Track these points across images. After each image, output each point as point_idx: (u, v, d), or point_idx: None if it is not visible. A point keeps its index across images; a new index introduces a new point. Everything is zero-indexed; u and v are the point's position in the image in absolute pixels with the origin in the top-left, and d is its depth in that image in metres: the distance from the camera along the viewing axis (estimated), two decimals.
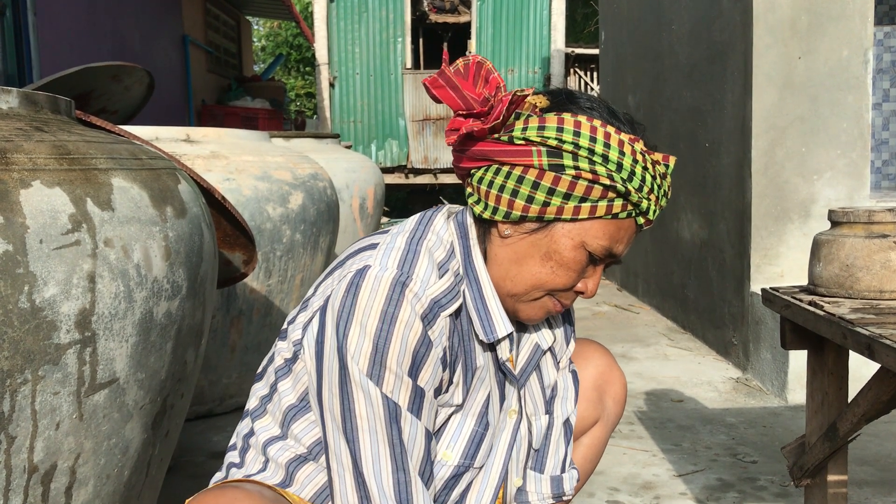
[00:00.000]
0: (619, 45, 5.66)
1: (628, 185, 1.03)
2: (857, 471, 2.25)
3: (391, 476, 0.99)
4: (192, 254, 1.34)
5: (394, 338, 0.98)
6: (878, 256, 1.53)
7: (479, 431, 1.12)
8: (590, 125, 1.03)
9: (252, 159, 2.73)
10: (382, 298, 0.98)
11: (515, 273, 1.09)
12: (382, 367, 0.98)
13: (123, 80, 3.02)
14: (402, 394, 1.00)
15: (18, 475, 1.08)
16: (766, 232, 3.19)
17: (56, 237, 1.09)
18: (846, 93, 3.14)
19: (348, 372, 0.99)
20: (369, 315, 0.98)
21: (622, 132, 1.05)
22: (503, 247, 1.09)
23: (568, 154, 1.02)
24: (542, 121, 1.04)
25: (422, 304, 1.00)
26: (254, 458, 1.14)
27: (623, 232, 1.07)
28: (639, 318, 4.54)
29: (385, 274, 1.00)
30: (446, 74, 1.05)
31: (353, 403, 0.99)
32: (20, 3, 4.46)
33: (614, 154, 1.03)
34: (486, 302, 1.10)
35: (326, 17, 10.36)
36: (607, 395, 1.39)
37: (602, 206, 1.04)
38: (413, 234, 1.09)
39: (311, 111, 18.44)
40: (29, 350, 1.06)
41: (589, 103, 1.08)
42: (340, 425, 1.00)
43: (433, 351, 1.01)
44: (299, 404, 1.10)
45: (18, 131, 1.17)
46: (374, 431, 0.99)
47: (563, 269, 1.07)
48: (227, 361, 2.76)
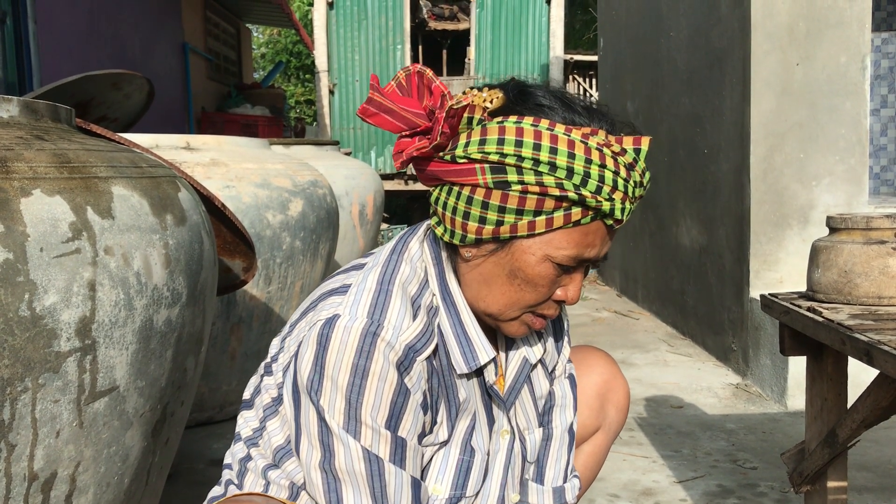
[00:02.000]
0: (617, 52, 5.67)
1: (582, 190, 0.95)
2: (857, 477, 2.25)
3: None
4: (192, 261, 1.34)
5: (366, 392, 0.94)
6: (876, 262, 1.53)
7: (464, 460, 1.09)
8: (533, 131, 0.95)
9: (252, 167, 2.74)
10: (352, 352, 0.94)
11: (486, 294, 1.04)
12: (358, 422, 0.95)
13: (123, 87, 3.03)
14: (381, 446, 0.96)
15: (18, 483, 1.08)
16: (766, 238, 3.19)
17: (56, 245, 1.09)
18: (844, 99, 3.15)
19: (328, 425, 0.96)
20: (339, 370, 0.94)
21: (574, 128, 0.97)
22: (469, 270, 1.04)
23: (511, 168, 0.95)
24: (484, 132, 0.97)
25: (395, 352, 0.96)
26: (253, 481, 1.12)
27: (591, 237, 1.00)
28: (638, 324, 4.54)
29: (354, 324, 0.96)
30: (375, 100, 1.00)
31: (333, 457, 0.96)
32: (20, 11, 4.47)
33: (562, 159, 0.94)
34: (465, 328, 1.06)
35: (326, 24, 10.39)
36: (610, 402, 1.37)
37: (559, 217, 0.97)
38: (385, 268, 1.04)
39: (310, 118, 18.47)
40: (29, 358, 1.06)
41: (542, 99, 1.00)
42: (320, 480, 0.98)
43: (412, 398, 0.98)
44: (286, 446, 1.08)
45: (19, 140, 1.17)
46: (357, 486, 0.96)
47: (530, 286, 1.02)
48: (227, 368, 2.76)
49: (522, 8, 10.51)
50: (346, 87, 10.50)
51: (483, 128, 0.98)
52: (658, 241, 4.63)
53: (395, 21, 10.40)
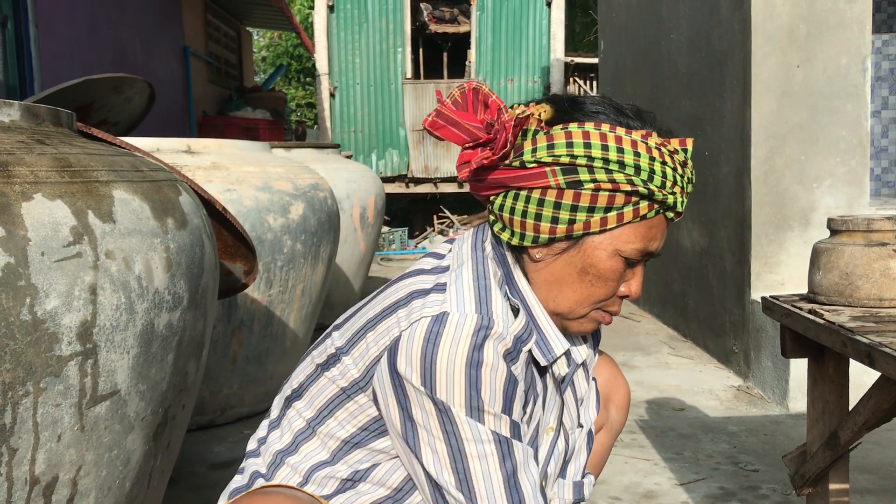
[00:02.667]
0: (618, 55, 5.68)
1: (650, 185, 1.02)
2: (858, 479, 2.25)
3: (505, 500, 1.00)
4: (193, 265, 1.34)
5: (483, 383, 0.98)
6: (877, 264, 1.53)
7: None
8: (599, 133, 1.02)
9: (253, 170, 2.74)
10: (467, 346, 0.98)
11: (556, 294, 1.08)
12: (480, 411, 0.98)
13: (124, 91, 3.03)
14: (503, 428, 1.00)
15: (20, 487, 1.08)
16: (767, 240, 3.19)
17: (57, 249, 1.09)
18: (845, 101, 3.15)
19: (451, 415, 0.98)
20: (455, 364, 0.97)
21: (633, 130, 1.04)
22: (538, 271, 1.09)
23: (583, 168, 1.01)
24: (550, 138, 1.03)
25: (505, 344, 1.00)
26: (287, 476, 1.12)
27: (655, 230, 1.06)
28: (640, 326, 4.54)
29: (466, 320, 0.99)
30: (444, 113, 1.04)
31: (461, 444, 0.99)
32: (21, 14, 4.48)
33: (629, 158, 1.01)
34: (538, 323, 1.09)
35: (327, 27, 10.40)
36: (611, 402, 1.40)
37: (629, 212, 1.03)
38: (475, 266, 1.08)
39: (311, 121, 18.48)
40: (30, 362, 1.06)
41: (594, 106, 1.07)
42: (450, 468, 1.00)
43: (519, 387, 1.02)
44: (362, 434, 1.09)
45: (20, 144, 1.17)
46: (487, 472, 0.99)
47: (601, 281, 1.06)
48: (229, 372, 2.76)
49: (523, 11, 10.51)
50: (346, 90, 10.50)
51: (547, 135, 1.03)
52: None
53: (396, 24, 10.40)
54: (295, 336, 2.96)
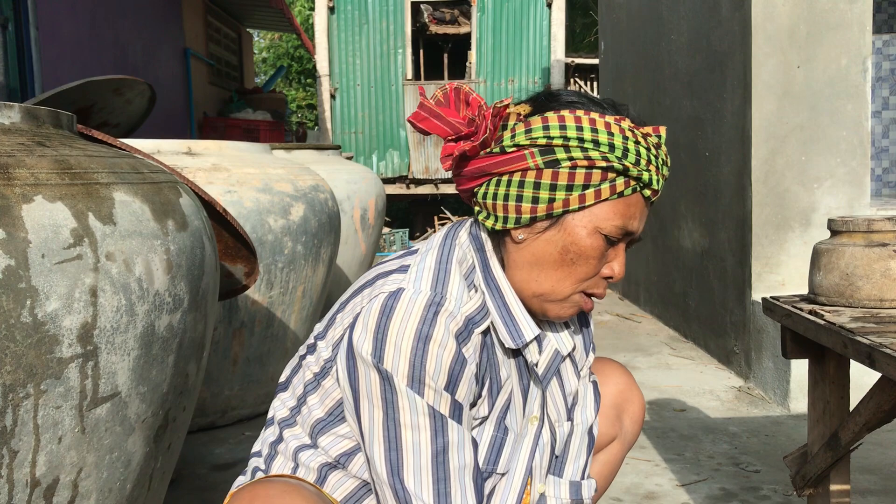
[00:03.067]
0: (618, 55, 5.68)
1: (624, 161, 1.05)
2: (859, 479, 2.25)
3: (432, 487, 1.02)
4: (193, 267, 1.35)
5: (429, 357, 1.00)
6: (878, 265, 1.53)
7: (498, 437, 1.14)
8: (573, 116, 1.06)
9: (253, 171, 2.74)
10: (417, 319, 1.01)
11: (538, 274, 1.10)
12: (421, 383, 1.01)
13: (125, 93, 3.04)
14: (442, 405, 1.02)
15: (21, 490, 1.08)
16: (767, 240, 3.19)
17: (58, 251, 1.09)
18: (845, 101, 3.15)
19: (392, 384, 1.01)
20: (403, 336, 1.00)
21: (606, 115, 1.08)
22: (520, 251, 1.11)
23: (559, 148, 1.05)
24: (528, 124, 1.07)
25: (456, 323, 1.03)
26: (282, 464, 1.17)
27: (633, 208, 1.09)
28: (640, 327, 4.54)
29: (419, 296, 1.02)
30: (426, 106, 1.08)
31: (398, 413, 1.02)
32: (22, 17, 4.48)
33: (603, 136, 1.05)
34: (510, 308, 1.12)
35: (327, 28, 10.40)
36: (626, 413, 1.41)
37: (606, 188, 1.06)
38: (441, 250, 1.13)
39: (312, 123, 18.48)
40: (31, 364, 1.06)
41: (569, 97, 1.11)
42: (381, 438, 1.03)
43: (468, 368, 1.04)
44: (327, 418, 1.13)
45: (20, 146, 1.18)
46: (418, 444, 1.02)
47: (582, 259, 1.09)
48: (229, 374, 2.76)
49: (523, 11, 10.52)
50: (347, 91, 10.51)
51: (526, 121, 1.08)
52: (660, 244, 4.63)
53: (396, 25, 10.41)
54: (296, 337, 2.96)
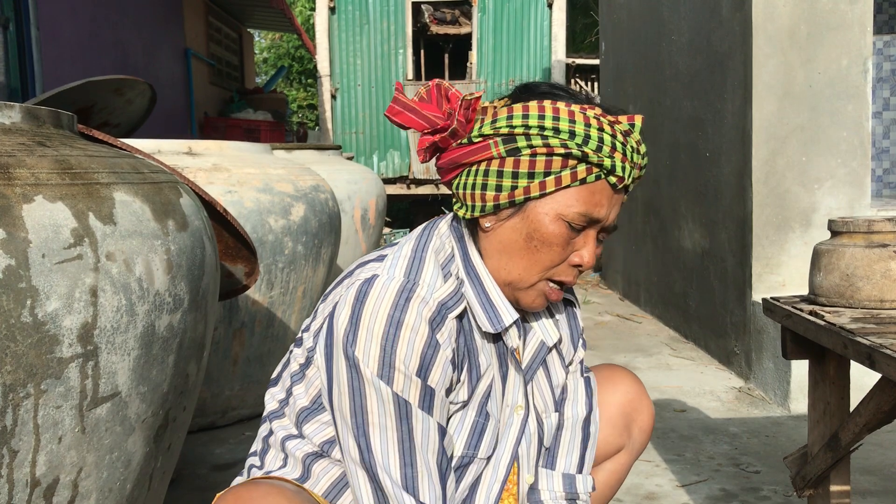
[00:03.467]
0: (619, 56, 5.68)
1: (584, 148, 1.06)
2: (860, 480, 2.24)
3: (399, 470, 1.03)
4: (193, 267, 1.35)
5: (400, 341, 1.02)
6: (878, 266, 1.53)
7: (479, 422, 1.15)
8: (538, 106, 1.08)
9: (254, 171, 2.74)
10: (389, 304, 1.02)
11: (507, 261, 1.12)
12: (392, 368, 1.02)
13: (126, 93, 3.04)
14: (412, 392, 1.03)
15: (21, 489, 1.08)
16: (768, 241, 3.19)
17: (58, 251, 1.09)
18: (846, 102, 3.15)
19: (359, 372, 1.02)
20: (376, 320, 1.02)
21: (573, 104, 1.09)
22: (488, 239, 1.13)
23: (520, 136, 1.07)
24: (495, 115, 1.10)
25: (429, 308, 1.04)
26: (274, 456, 1.19)
27: (598, 195, 1.09)
28: (641, 327, 4.54)
29: (392, 282, 1.04)
30: (401, 100, 1.11)
31: (364, 400, 1.03)
32: (23, 17, 4.48)
33: (565, 124, 1.07)
34: (489, 294, 1.13)
35: (328, 29, 10.40)
36: (635, 423, 1.41)
37: (566, 175, 1.07)
38: (419, 240, 1.15)
39: (312, 123, 18.49)
40: (31, 364, 1.06)
41: (543, 88, 1.13)
42: (350, 423, 1.04)
43: (441, 353, 1.05)
44: (311, 406, 1.15)
45: (21, 146, 1.18)
46: (385, 427, 1.03)
47: (546, 246, 1.10)
48: (230, 374, 2.76)
49: (524, 12, 10.52)
50: (348, 91, 10.51)
51: (494, 113, 1.11)
52: (660, 245, 4.63)
53: (397, 26, 10.41)
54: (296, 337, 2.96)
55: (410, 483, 1.03)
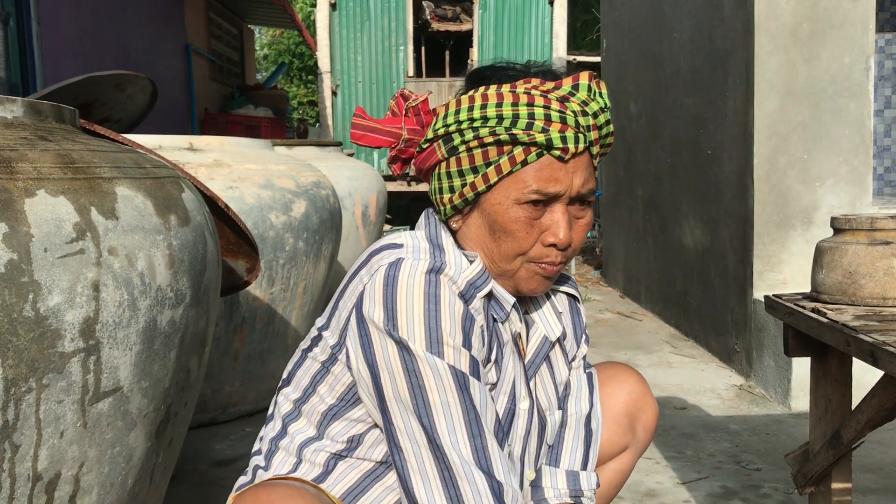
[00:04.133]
0: (620, 53, 5.67)
1: (513, 130, 1.04)
2: (861, 478, 2.24)
3: (468, 443, 1.01)
4: (195, 262, 1.34)
5: (443, 315, 1.01)
6: (880, 263, 1.53)
7: (510, 408, 1.15)
8: (468, 97, 1.08)
9: (255, 167, 2.74)
10: (422, 282, 1.02)
11: (485, 255, 1.12)
12: (440, 343, 1.01)
13: (127, 88, 3.03)
14: (463, 363, 1.03)
15: (22, 484, 1.08)
16: (769, 239, 3.19)
17: (60, 246, 1.09)
18: (848, 100, 3.15)
19: (411, 352, 1.01)
20: (413, 299, 1.01)
21: (504, 85, 1.07)
22: (461, 238, 1.14)
23: (455, 133, 1.07)
24: (435, 114, 1.11)
25: (458, 286, 1.04)
26: (283, 459, 1.17)
27: (546, 171, 1.06)
28: (641, 325, 4.54)
29: (420, 263, 1.04)
30: (357, 123, 1.12)
31: (421, 379, 1.01)
32: (24, 12, 4.48)
33: (491, 110, 1.05)
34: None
35: (329, 25, 10.39)
36: (639, 422, 1.39)
37: (504, 162, 1.06)
38: (428, 228, 1.15)
39: (313, 119, 18.47)
40: (33, 359, 1.06)
41: (486, 72, 1.12)
42: (412, 405, 1.02)
43: (476, 325, 1.05)
44: (339, 404, 1.13)
45: (23, 140, 1.17)
46: (447, 403, 1.01)
47: (508, 235, 1.08)
48: (230, 370, 2.76)
49: (525, 9, 10.51)
50: (348, 88, 10.50)
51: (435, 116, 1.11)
52: (661, 243, 4.63)
53: (398, 22, 10.40)
54: (297, 334, 2.96)
55: (482, 456, 1.01)
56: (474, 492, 1.00)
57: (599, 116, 1.07)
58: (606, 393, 1.37)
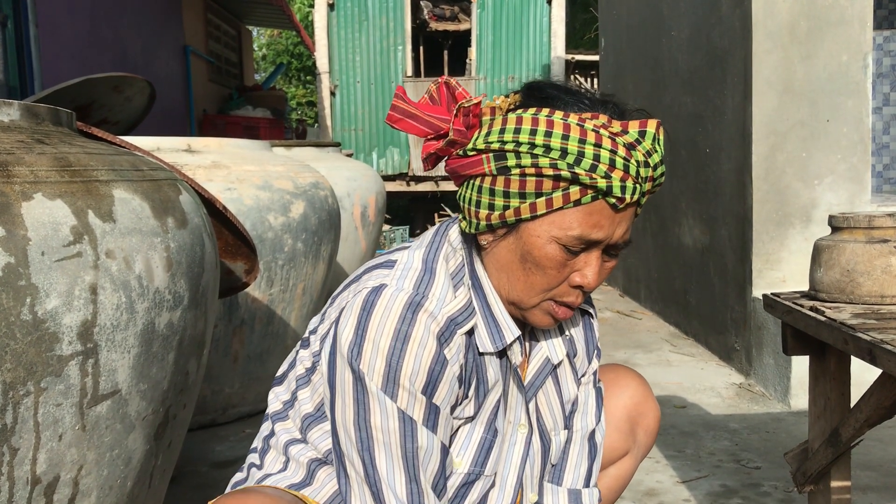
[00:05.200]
0: (618, 52, 5.67)
1: (575, 168, 0.97)
2: (860, 476, 2.25)
3: (405, 487, 1.00)
4: (193, 264, 1.34)
5: (406, 356, 0.98)
6: (878, 262, 1.53)
7: (487, 438, 1.11)
8: (531, 118, 1.00)
9: (253, 169, 2.74)
10: (396, 317, 0.99)
11: (505, 280, 1.07)
12: (396, 384, 0.99)
13: (125, 90, 3.03)
14: (416, 410, 1.00)
15: (21, 487, 1.08)
16: (768, 237, 3.19)
17: (58, 249, 1.09)
18: (846, 97, 3.15)
19: (364, 385, 0.99)
20: (382, 333, 0.99)
21: (572, 114, 1.00)
22: (487, 256, 1.09)
23: (511, 154, 1.00)
24: (491, 126, 1.03)
25: (437, 323, 1.00)
26: (274, 458, 1.17)
27: (596, 217, 1.01)
28: (641, 323, 4.54)
29: (400, 294, 1.00)
30: (399, 106, 1.05)
31: (368, 414, 1.00)
32: (22, 14, 4.47)
33: (556, 141, 0.98)
34: (492, 309, 1.09)
35: (327, 25, 10.39)
36: (640, 427, 1.36)
37: (558, 197, 0.99)
38: (430, 248, 1.10)
39: (312, 120, 18.47)
40: (31, 362, 1.06)
41: (549, 91, 1.05)
42: (354, 437, 1.01)
43: (448, 369, 1.02)
44: (315, 414, 1.12)
45: (20, 144, 1.17)
46: (389, 444, 1.00)
47: (539, 269, 1.04)
48: (230, 371, 2.76)
49: (523, 8, 10.51)
50: (347, 88, 10.50)
51: (490, 122, 1.04)
52: (660, 241, 4.63)
53: (396, 22, 10.40)
54: (296, 335, 2.96)
55: (416, 499, 1.00)
56: None
57: (658, 169, 1.03)
58: (607, 397, 1.34)
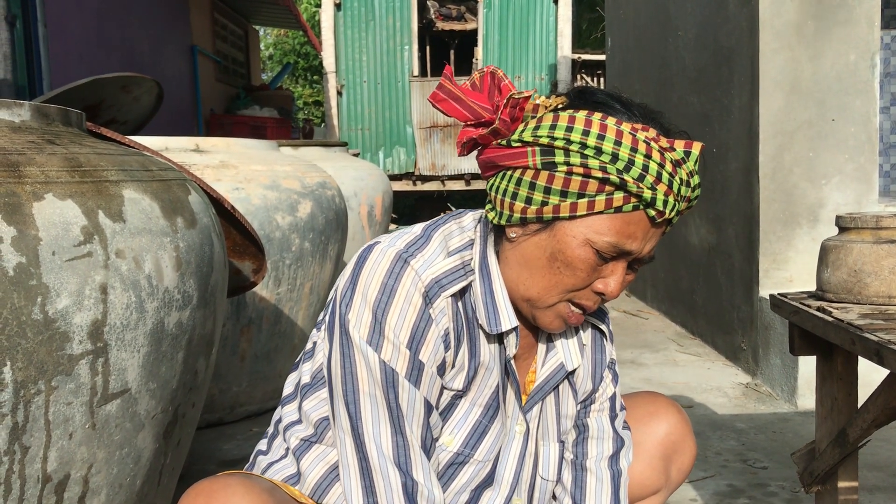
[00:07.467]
0: (625, 51, 5.67)
1: (624, 175, 0.97)
2: (867, 476, 2.24)
3: (389, 439, 1.01)
4: (202, 264, 1.35)
5: (392, 309, 1.01)
6: (886, 262, 1.53)
7: (483, 423, 1.10)
8: (585, 119, 0.99)
9: (261, 168, 2.75)
10: (384, 271, 1.02)
11: (526, 276, 1.06)
12: (381, 336, 1.01)
13: (133, 90, 3.05)
14: (399, 362, 1.01)
15: (32, 485, 1.09)
16: (775, 237, 3.18)
17: (68, 249, 1.10)
18: (854, 97, 3.14)
19: (350, 338, 1.02)
20: (370, 286, 1.01)
21: (625, 122, 1.00)
22: (512, 250, 1.07)
23: (559, 151, 0.99)
24: (539, 121, 1.02)
25: (422, 282, 1.02)
26: (280, 444, 1.17)
27: (633, 227, 1.01)
28: (647, 323, 4.54)
29: (390, 250, 1.04)
30: (446, 87, 1.04)
31: (354, 367, 1.02)
32: (31, 14, 4.49)
33: (608, 145, 0.97)
34: (493, 295, 1.08)
35: (334, 25, 10.41)
36: (674, 464, 1.31)
37: (601, 201, 0.98)
38: (434, 222, 1.12)
39: (318, 119, 18.49)
40: (42, 361, 1.07)
41: (600, 97, 1.05)
42: (341, 390, 1.02)
43: (433, 327, 1.03)
44: (311, 382, 1.13)
45: (31, 144, 1.18)
46: (374, 396, 1.01)
47: (569, 269, 1.02)
48: (238, 370, 2.77)
49: (530, 8, 10.50)
50: (354, 87, 10.51)
51: (538, 118, 1.03)
52: (667, 241, 4.63)
53: (403, 22, 10.41)
54: (303, 334, 2.97)
55: (402, 454, 1.00)
56: (387, 486, 1.00)
57: (696, 191, 1.04)
58: (642, 428, 1.29)
